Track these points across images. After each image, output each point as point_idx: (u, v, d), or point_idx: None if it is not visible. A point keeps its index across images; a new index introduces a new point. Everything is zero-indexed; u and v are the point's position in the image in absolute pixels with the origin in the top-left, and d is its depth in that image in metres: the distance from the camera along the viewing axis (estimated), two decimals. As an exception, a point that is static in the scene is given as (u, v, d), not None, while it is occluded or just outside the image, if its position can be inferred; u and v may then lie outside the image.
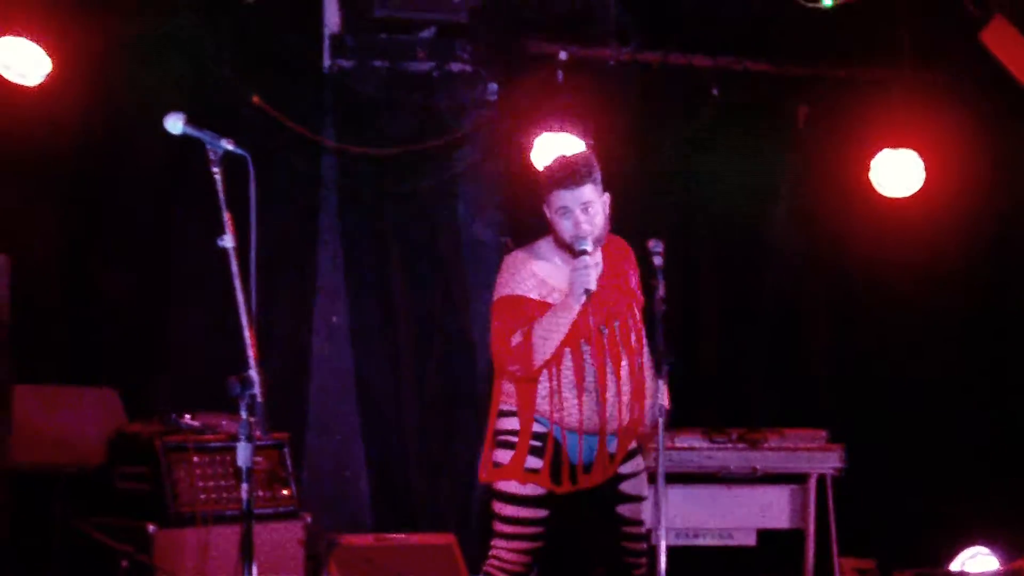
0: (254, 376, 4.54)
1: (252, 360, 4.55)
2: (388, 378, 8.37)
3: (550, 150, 7.67)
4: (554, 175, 5.77)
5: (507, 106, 8.54)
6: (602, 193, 5.81)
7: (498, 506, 5.90)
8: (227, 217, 4.64)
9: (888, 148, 8.66)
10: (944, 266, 8.78)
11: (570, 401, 5.77)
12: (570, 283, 5.66)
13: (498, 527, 5.91)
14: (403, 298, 8.41)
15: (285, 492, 7.04)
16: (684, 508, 8.03)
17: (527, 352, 5.67)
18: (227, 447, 6.79)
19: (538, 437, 5.81)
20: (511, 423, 5.86)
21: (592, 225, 5.72)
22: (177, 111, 4.73)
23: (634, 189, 8.63)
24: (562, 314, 5.66)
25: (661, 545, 5.62)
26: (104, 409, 7.37)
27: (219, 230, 4.62)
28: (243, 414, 4.54)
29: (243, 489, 4.57)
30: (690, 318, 8.93)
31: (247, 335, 4.57)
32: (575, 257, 5.67)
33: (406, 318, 8.40)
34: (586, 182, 5.72)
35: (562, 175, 5.74)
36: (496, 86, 8.58)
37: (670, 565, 5.64)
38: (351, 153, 8.33)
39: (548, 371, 5.76)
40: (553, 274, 5.77)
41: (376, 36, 8.31)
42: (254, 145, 4.79)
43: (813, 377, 9.22)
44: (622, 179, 8.34)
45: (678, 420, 6.01)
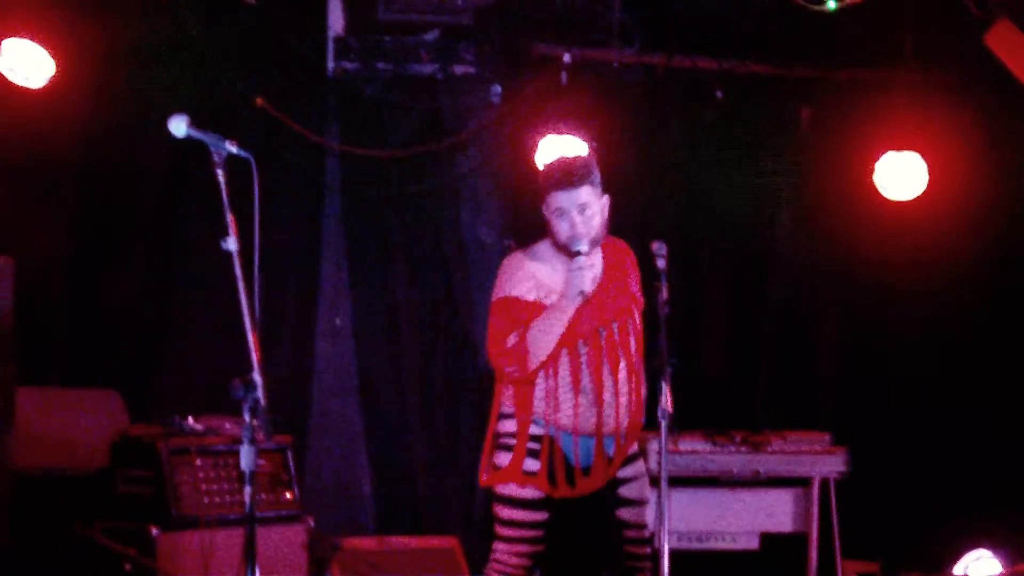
0: (257, 379, 4.53)
1: (255, 363, 4.55)
2: (391, 380, 8.37)
3: (554, 152, 7.66)
4: (551, 176, 5.77)
5: (511, 108, 8.54)
6: (601, 195, 5.80)
7: (498, 509, 5.91)
8: (230, 219, 4.63)
9: (892, 150, 8.66)
10: (948, 268, 8.76)
11: (566, 402, 5.77)
12: (565, 284, 5.67)
13: (499, 530, 5.92)
14: (406, 300, 8.41)
15: (288, 495, 7.04)
16: (687, 511, 8.02)
17: (522, 353, 5.68)
18: (230, 450, 6.80)
19: (535, 439, 5.81)
20: (510, 425, 5.86)
21: (589, 227, 5.72)
22: (181, 113, 4.72)
23: (638, 191, 8.64)
24: (557, 315, 5.67)
25: (664, 549, 5.62)
26: (107, 412, 7.37)
27: (222, 232, 4.61)
28: (246, 417, 4.53)
29: (246, 492, 4.55)
30: (693, 321, 8.92)
31: (250, 338, 4.56)
32: (571, 258, 5.68)
33: (409, 320, 8.40)
34: (583, 184, 5.72)
35: (559, 176, 5.74)
36: (500, 88, 8.58)
37: (673, 568, 5.63)
38: (355, 155, 8.32)
39: (545, 372, 5.77)
40: (550, 276, 5.78)
41: (380, 38, 8.30)
42: (258, 147, 4.78)
43: (816, 380, 9.21)
44: (626, 181, 8.38)
45: (681, 423, 5.99)
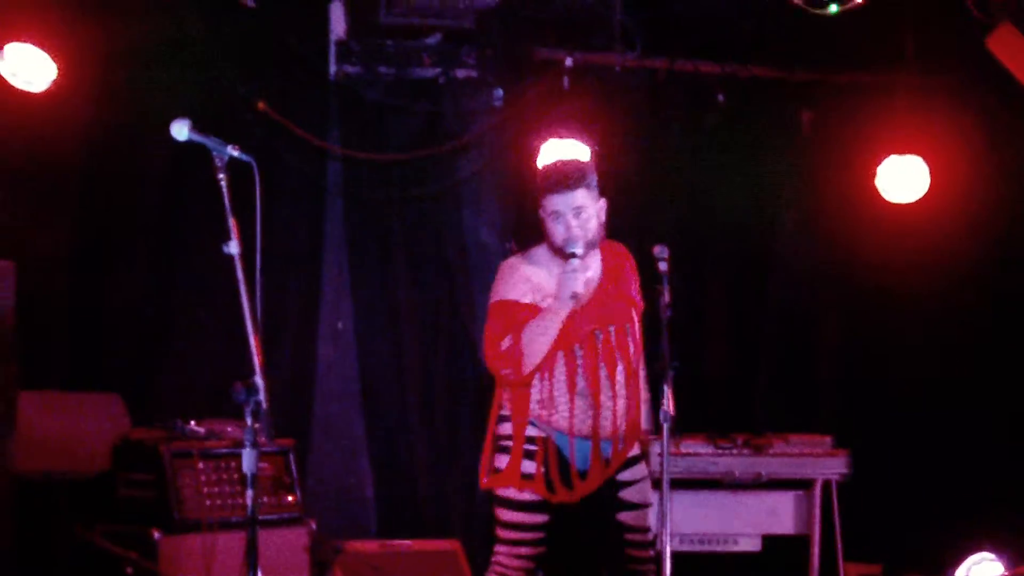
0: (259, 382, 4.53)
1: (257, 366, 4.55)
2: (393, 384, 8.37)
3: (556, 156, 7.66)
4: (547, 179, 5.79)
5: (513, 112, 8.54)
6: (598, 199, 5.82)
7: (499, 511, 5.91)
8: (232, 223, 4.64)
9: (893, 154, 8.66)
10: (950, 271, 8.75)
11: (562, 405, 5.78)
12: (558, 286, 5.68)
13: (500, 533, 5.92)
14: (408, 304, 8.41)
15: (290, 498, 7.03)
16: (689, 514, 8.02)
17: (517, 356, 5.68)
18: (232, 453, 6.79)
19: (532, 441, 5.82)
20: (509, 428, 5.88)
21: (584, 230, 5.73)
22: (182, 117, 4.73)
23: (640, 195, 8.65)
24: (551, 318, 5.68)
25: (666, 551, 5.62)
26: (109, 415, 7.37)
27: (224, 236, 4.62)
28: (248, 420, 4.53)
29: (248, 495, 4.56)
30: (695, 324, 8.92)
31: (252, 341, 4.57)
32: (566, 261, 5.68)
33: (411, 324, 8.40)
34: (579, 187, 5.73)
35: (555, 179, 5.76)
36: (502, 92, 8.58)
37: (675, 571, 5.63)
38: (356, 159, 8.33)
39: (540, 375, 5.78)
40: (547, 279, 5.78)
41: (382, 42, 8.30)
42: (259, 151, 4.79)
43: (818, 382, 9.21)
44: (628, 185, 8.40)
45: (683, 426, 6.00)
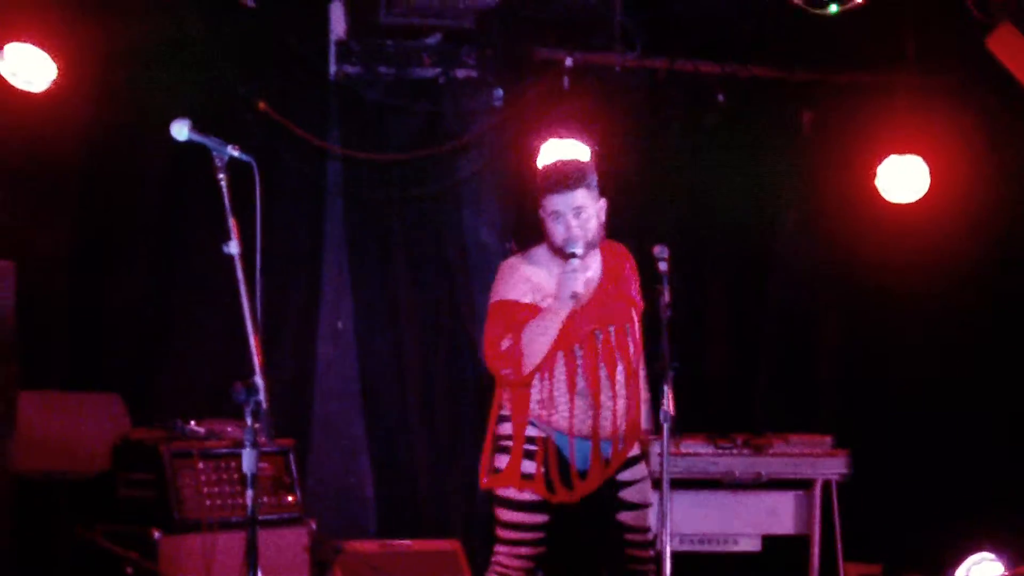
0: (259, 382, 4.53)
1: (257, 366, 4.55)
2: (393, 384, 8.37)
3: (556, 156, 7.65)
4: (547, 179, 5.80)
5: (513, 112, 8.54)
6: (598, 199, 5.82)
7: (499, 511, 5.92)
8: (232, 223, 4.64)
9: (894, 153, 8.66)
10: (950, 271, 8.75)
11: (562, 405, 5.79)
12: (557, 286, 5.68)
13: (500, 532, 5.93)
14: (408, 304, 8.41)
15: (290, 498, 7.03)
16: (689, 514, 8.02)
17: (516, 356, 5.69)
18: (232, 453, 6.79)
19: (532, 441, 5.82)
20: (508, 428, 5.88)
21: (584, 230, 5.74)
22: (182, 117, 4.73)
23: (640, 195, 8.65)
24: (551, 318, 5.68)
25: (666, 551, 5.62)
26: (109, 415, 7.37)
27: (224, 236, 4.62)
28: (248, 420, 4.54)
29: (248, 495, 4.56)
30: (695, 324, 8.92)
31: (252, 341, 4.57)
32: (566, 261, 5.68)
33: (411, 323, 8.40)
34: (579, 187, 5.73)
35: (554, 179, 5.76)
36: (502, 92, 8.58)
37: (675, 571, 5.64)
38: (357, 159, 8.33)
39: (540, 375, 5.79)
40: (547, 279, 5.78)
41: (382, 42, 8.30)
42: (259, 151, 4.79)
43: (818, 382, 9.21)
44: (628, 184, 8.40)
45: (683, 426, 6.00)
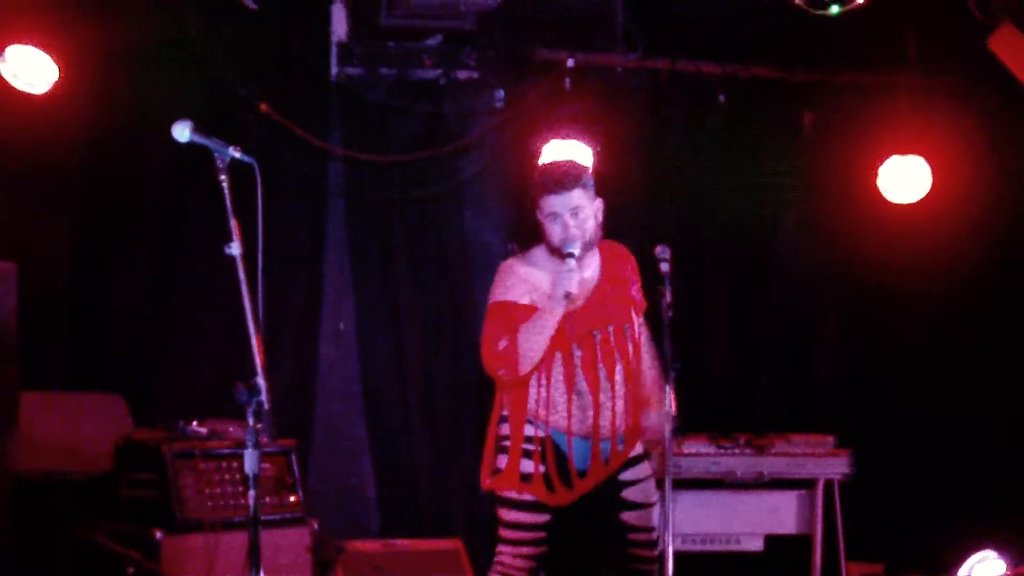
0: (261, 383, 4.54)
1: (259, 367, 4.56)
2: (395, 384, 8.37)
3: (557, 157, 7.65)
4: (544, 180, 5.81)
5: (514, 113, 8.54)
6: (594, 198, 5.83)
7: (501, 511, 5.93)
8: (234, 224, 4.64)
9: (895, 154, 8.66)
10: (952, 271, 8.75)
11: (560, 404, 5.80)
12: (552, 286, 5.69)
13: (502, 532, 5.94)
14: (410, 304, 8.41)
15: (292, 498, 7.04)
16: (691, 514, 8.02)
17: (513, 356, 5.70)
18: (234, 454, 6.79)
19: (530, 441, 5.83)
20: (509, 428, 5.88)
21: (582, 230, 5.75)
22: (184, 118, 4.74)
23: (641, 195, 8.65)
24: (546, 317, 5.69)
25: (668, 551, 5.62)
26: (111, 416, 7.37)
27: (225, 236, 4.63)
28: (250, 421, 4.54)
29: (250, 495, 4.57)
30: (697, 324, 8.92)
31: (254, 342, 4.58)
32: (563, 261, 5.69)
33: (413, 324, 8.40)
34: (575, 187, 5.75)
35: (551, 180, 5.78)
36: (503, 93, 8.58)
37: (677, 571, 5.64)
38: (358, 160, 8.33)
39: (538, 375, 5.80)
40: (544, 280, 5.80)
41: (383, 44, 8.31)
42: (260, 152, 4.81)
43: (820, 382, 9.21)
44: (629, 185, 8.40)
45: (685, 426, 6.01)
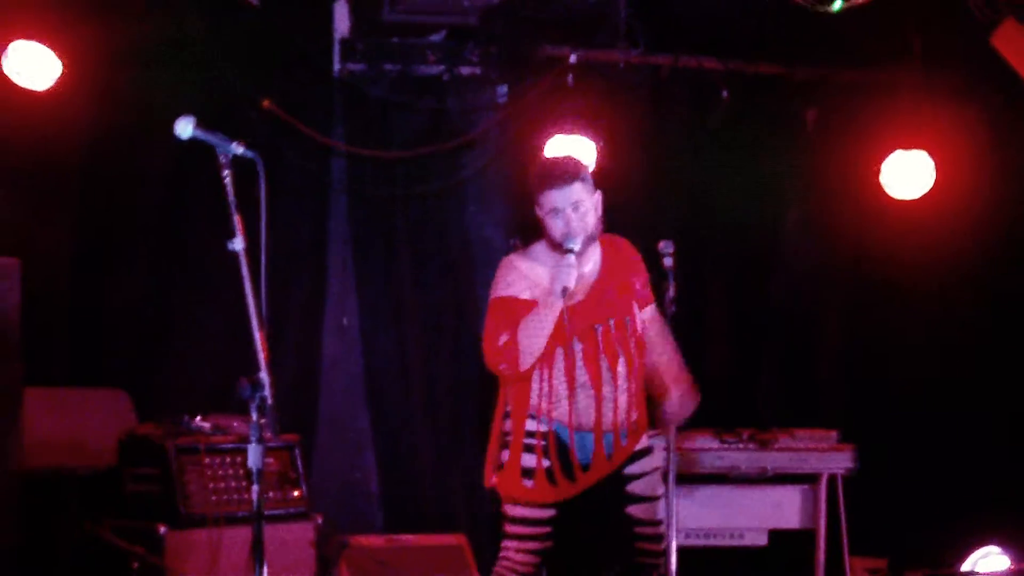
0: (265, 378, 4.55)
1: (263, 362, 4.56)
2: (398, 379, 8.38)
3: (560, 152, 7.66)
4: (543, 176, 5.81)
5: (517, 109, 8.55)
6: (593, 192, 5.83)
7: (506, 506, 5.93)
8: (237, 220, 4.65)
9: (899, 149, 8.66)
10: (955, 266, 8.75)
11: (563, 398, 5.81)
12: (550, 281, 5.69)
13: (507, 527, 5.95)
14: (413, 300, 8.41)
15: (296, 493, 7.05)
16: (695, 508, 8.02)
17: (514, 351, 5.70)
18: (238, 449, 6.81)
19: (532, 435, 5.84)
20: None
21: (583, 223, 5.76)
22: (187, 115, 4.74)
23: (644, 191, 8.65)
24: (545, 312, 5.69)
25: (672, 545, 5.64)
26: (114, 411, 7.38)
27: (226, 233, 4.64)
28: (254, 416, 4.55)
29: (254, 490, 4.58)
30: (700, 319, 8.92)
31: (257, 337, 4.58)
32: (563, 256, 5.69)
33: (416, 320, 8.41)
34: (575, 181, 5.75)
35: (551, 175, 5.78)
36: (506, 89, 8.59)
37: (681, 565, 5.66)
38: (361, 156, 8.33)
39: (540, 370, 5.80)
40: (545, 275, 5.79)
41: (386, 40, 8.32)
42: (263, 148, 4.81)
43: (823, 377, 9.21)
44: (632, 181, 8.41)
45: (689, 421, 6.02)
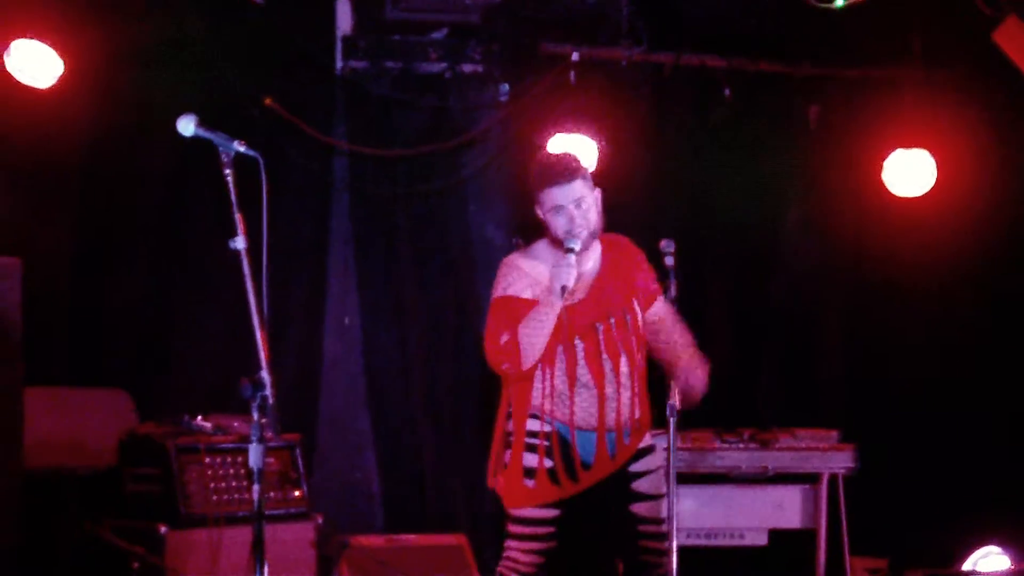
0: (266, 378, 4.54)
1: (264, 362, 4.56)
2: (399, 379, 8.37)
3: (559, 150, 7.65)
4: (544, 173, 5.78)
5: (519, 107, 8.54)
6: (593, 189, 5.82)
7: (509, 506, 5.92)
8: (239, 218, 4.65)
9: (900, 148, 8.65)
10: (955, 266, 8.74)
11: (565, 397, 5.80)
12: (550, 279, 5.67)
13: (510, 528, 5.93)
14: (414, 299, 8.41)
15: (296, 493, 7.05)
16: (695, 508, 8.01)
17: (515, 350, 5.68)
18: (239, 448, 6.81)
19: (534, 435, 5.83)
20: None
21: (586, 220, 5.75)
22: (189, 113, 4.74)
23: (646, 189, 8.65)
24: (544, 311, 5.67)
25: (673, 545, 5.62)
26: (115, 411, 7.38)
27: (228, 232, 4.63)
28: (255, 415, 4.55)
29: (254, 490, 4.58)
30: (700, 319, 8.88)
31: (259, 337, 4.58)
32: (565, 255, 5.68)
33: (417, 319, 8.40)
34: (576, 178, 5.74)
35: (552, 172, 5.76)
36: (508, 87, 8.59)
37: (682, 565, 5.64)
38: (363, 154, 8.32)
39: (542, 369, 5.79)
40: (547, 274, 5.76)
41: (388, 37, 8.31)
42: (264, 147, 4.80)
43: (824, 377, 9.19)
44: (634, 180, 8.40)
45: (689, 420, 6.01)
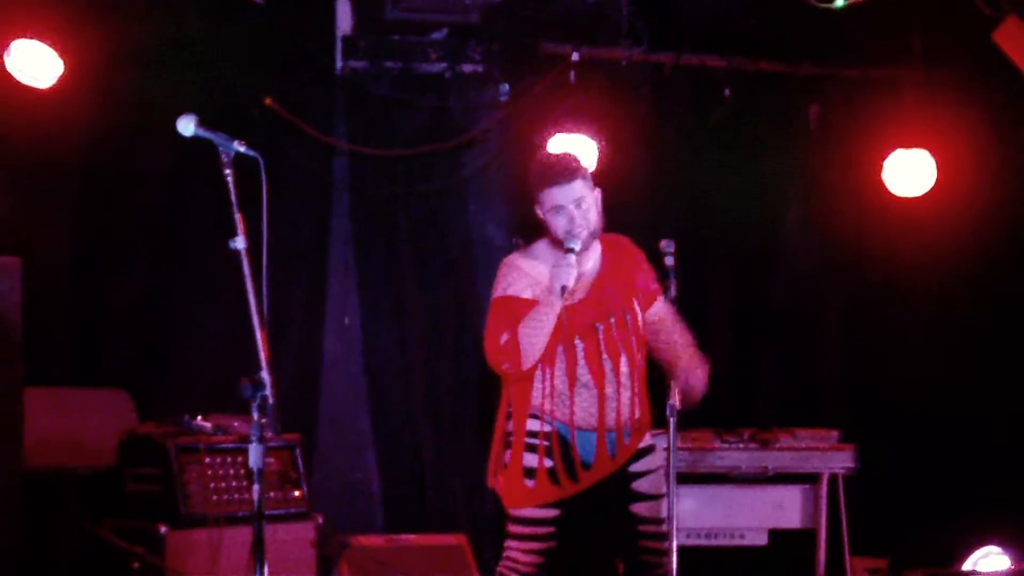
0: (266, 378, 4.54)
1: (264, 362, 4.56)
2: (399, 379, 8.37)
3: (558, 150, 7.65)
4: (544, 173, 5.78)
5: (519, 107, 8.54)
6: (593, 188, 5.81)
7: (510, 506, 5.92)
8: (239, 218, 4.65)
9: (900, 148, 8.65)
10: (956, 265, 8.74)
11: (565, 397, 5.79)
12: (550, 279, 5.67)
13: (511, 528, 5.93)
14: (414, 299, 8.41)
15: (297, 493, 7.05)
16: (695, 508, 8.01)
17: (515, 350, 5.68)
18: (239, 448, 6.81)
19: (534, 435, 5.83)
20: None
21: (586, 220, 5.74)
22: (189, 113, 4.74)
23: (646, 189, 8.65)
24: (544, 311, 5.67)
25: (673, 545, 5.62)
26: (115, 411, 7.38)
27: (228, 232, 4.63)
28: (255, 415, 4.55)
29: (255, 490, 4.58)
30: (700, 318, 8.88)
31: (259, 337, 4.58)
32: (565, 255, 5.68)
33: (417, 319, 8.40)
34: (576, 177, 5.73)
35: (552, 172, 5.75)
36: (508, 87, 8.59)
37: (682, 565, 5.64)
38: (363, 154, 8.32)
39: (542, 369, 5.78)
40: (547, 273, 5.75)
41: (388, 37, 8.31)
42: (265, 147, 4.80)
43: (823, 377, 9.20)
44: (634, 179, 8.40)
45: (689, 420, 6.01)
